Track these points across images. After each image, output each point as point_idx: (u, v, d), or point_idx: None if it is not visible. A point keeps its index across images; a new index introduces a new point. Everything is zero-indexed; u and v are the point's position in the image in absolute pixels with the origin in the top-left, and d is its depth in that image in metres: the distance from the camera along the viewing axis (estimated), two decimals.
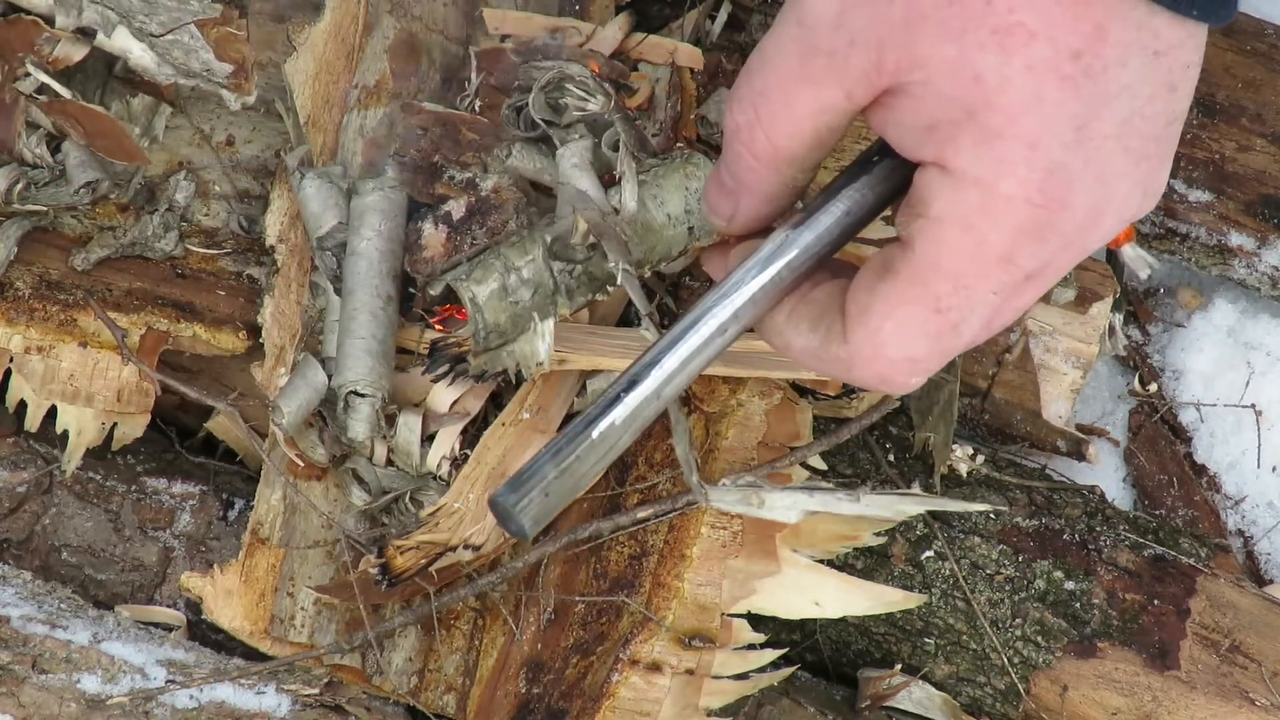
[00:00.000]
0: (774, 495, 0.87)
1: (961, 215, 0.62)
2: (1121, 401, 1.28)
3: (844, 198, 0.68)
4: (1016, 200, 0.61)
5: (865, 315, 0.65)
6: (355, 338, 1.02)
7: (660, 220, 0.95)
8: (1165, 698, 1.03)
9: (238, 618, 1.04)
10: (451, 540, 1.03)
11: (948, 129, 0.61)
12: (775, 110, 0.66)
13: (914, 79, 0.61)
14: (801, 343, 0.69)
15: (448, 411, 1.06)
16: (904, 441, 1.11)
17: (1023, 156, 0.60)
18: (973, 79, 0.60)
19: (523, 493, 0.66)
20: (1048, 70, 0.59)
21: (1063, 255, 0.64)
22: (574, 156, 0.93)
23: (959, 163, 0.61)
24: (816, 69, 0.63)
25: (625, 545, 1.03)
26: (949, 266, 0.63)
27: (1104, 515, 1.09)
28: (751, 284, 0.68)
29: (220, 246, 1.13)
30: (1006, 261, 0.63)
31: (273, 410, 1.02)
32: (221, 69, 0.88)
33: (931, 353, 0.65)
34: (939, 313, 0.64)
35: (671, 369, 0.67)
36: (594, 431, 0.66)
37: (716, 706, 0.99)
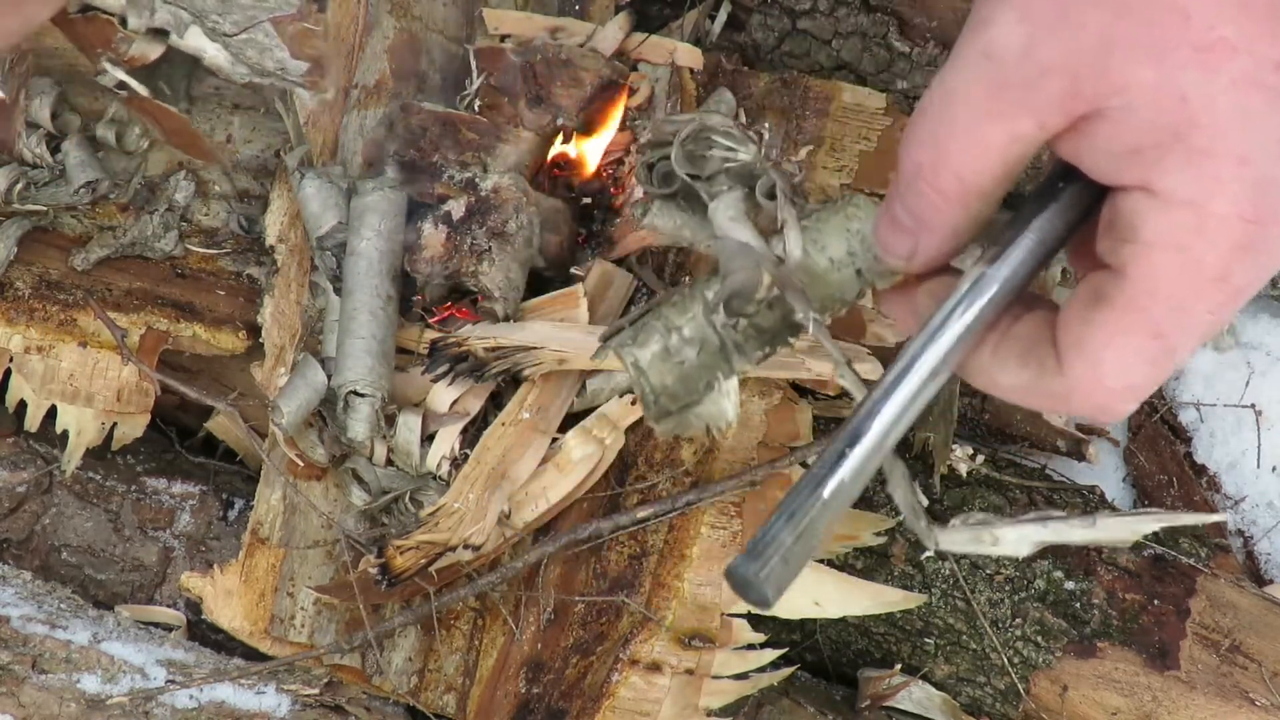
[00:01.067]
0: (1005, 530, 0.87)
1: (1175, 238, 0.61)
2: None
3: (1035, 228, 0.67)
4: (1230, 219, 0.61)
5: (1082, 347, 0.65)
6: (355, 338, 1.02)
7: (823, 265, 0.94)
8: (1165, 698, 1.03)
9: (238, 618, 1.04)
10: (451, 540, 1.03)
11: (1153, 152, 0.61)
12: (962, 146, 0.65)
13: (1113, 105, 0.61)
14: (1010, 380, 0.68)
15: (447, 411, 1.06)
16: (904, 441, 1.11)
17: (1233, 173, 0.60)
18: (1178, 100, 0.59)
19: (763, 561, 0.66)
20: (1251, 84, 0.59)
21: (1272, 267, 0.64)
22: (729, 209, 0.92)
23: (1167, 184, 0.61)
24: (1007, 102, 0.63)
25: (625, 545, 1.03)
26: (1166, 291, 0.62)
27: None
28: (955, 325, 0.67)
29: (220, 246, 1.13)
30: (1222, 281, 0.62)
31: (272, 410, 1.02)
32: (296, 67, 0.88)
33: (1150, 378, 0.65)
34: (1157, 338, 0.63)
35: (891, 419, 0.67)
36: (825, 492, 0.66)
37: (716, 706, 0.99)
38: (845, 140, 1.14)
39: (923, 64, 1.19)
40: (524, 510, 1.04)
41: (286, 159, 1.07)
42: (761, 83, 1.15)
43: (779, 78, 1.16)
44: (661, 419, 0.93)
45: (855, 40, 1.20)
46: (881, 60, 1.20)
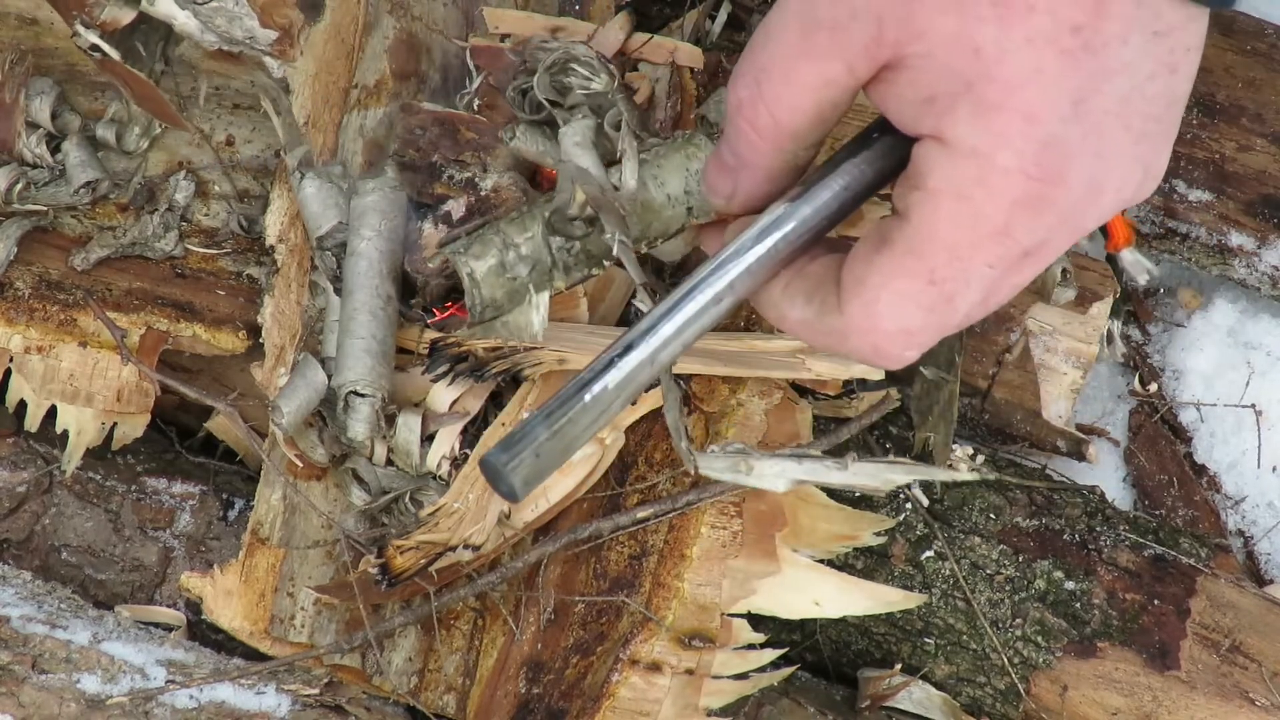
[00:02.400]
0: (762, 463, 0.87)
1: (958, 187, 0.62)
2: (1121, 401, 1.28)
3: (843, 173, 0.68)
4: (1013, 172, 0.61)
5: (860, 286, 0.65)
6: (355, 338, 1.02)
7: (660, 200, 0.95)
8: (1165, 698, 1.03)
9: (238, 618, 1.04)
10: (451, 540, 1.03)
11: (946, 101, 0.61)
12: (777, 85, 0.66)
13: (914, 51, 0.61)
14: (797, 315, 0.69)
15: (447, 411, 1.06)
16: (904, 441, 1.11)
17: (1019, 129, 0.60)
18: (972, 51, 0.60)
19: (514, 453, 0.66)
20: (1047, 43, 0.60)
21: (1060, 231, 0.64)
22: (576, 135, 0.93)
23: (956, 134, 0.61)
24: (818, 43, 0.64)
25: (625, 545, 1.03)
26: (945, 238, 0.63)
27: (1104, 515, 1.09)
28: (747, 255, 0.68)
29: (220, 246, 1.13)
30: (1003, 235, 0.63)
31: (272, 410, 1.02)
32: (265, 35, 0.87)
33: (926, 325, 0.65)
34: (934, 284, 0.64)
35: (666, 336, 0.68)
36: (586, 395, 0.67)
37: (716, 706, 0.99)
38: (844, 137, 1.14)
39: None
40: (524, 510, 1.04)
41: (287, 159, 1.07)
42: None
43: None
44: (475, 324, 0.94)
45: None
46: None
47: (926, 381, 1.09)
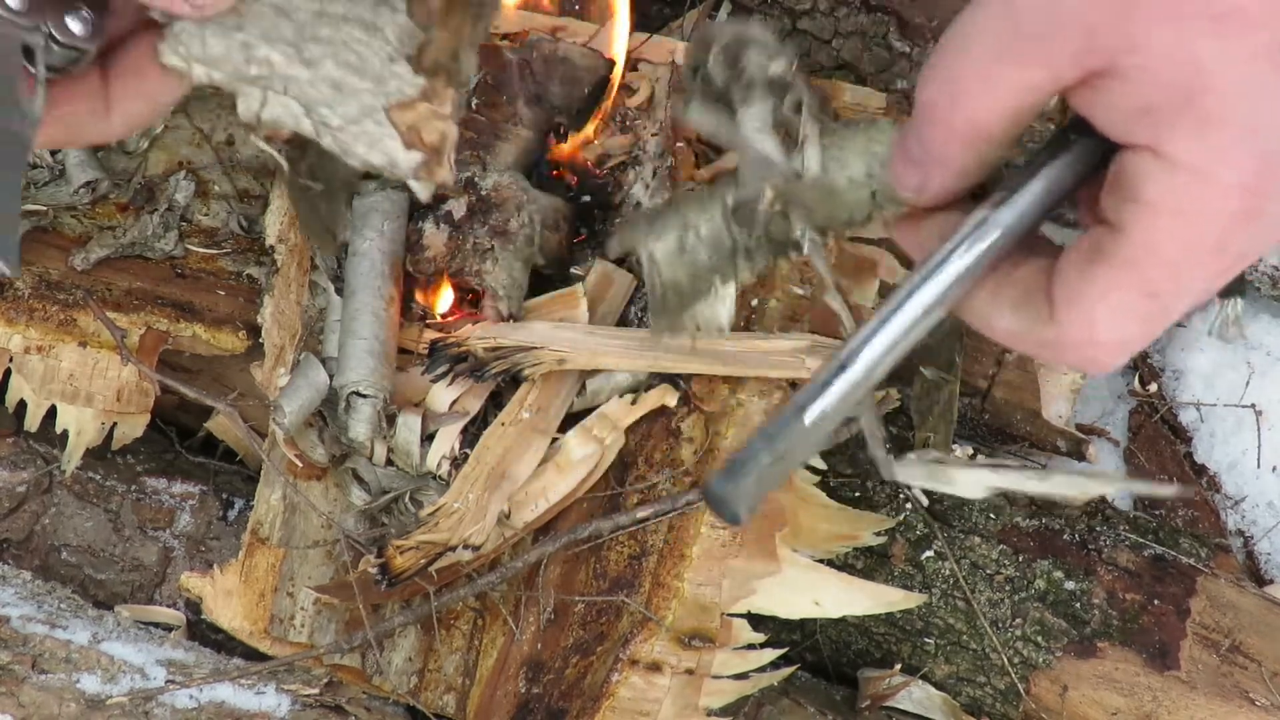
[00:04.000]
0: (960, 471, 0.87)
1: (1177, 201, 0.62)
2: (1121, 401, 1.28)
3: (1043, 176, 0.68)
4: (1233, 188, 0.62)
5: (1078, 298, 0.66)
6: (358, 338, 1.02)
7: (841, 183, 0.94)
8: (1165, 698, 1.03)
9: (237, 618, 1.04)
10: (451, 540, 1.03)
11: (1164, 114, 0.62)
12: (974, 90, 0.66)
13: (1130, 63, 0.62)
14: (1005, 324, 0.69)
15: (447, 411, 1.06)
16: (904, 441, 1.11)
17: (1241, 144, 0.61)
18: (1193, 64, 0.60)
19: (737, 480, 0.66)
20: (1267, 59, 0.60)
21: (1267, 240, 0.65)
22: (755, 119, 0.92)
23: (1174, 148, 0.62)
24: (1022, 50, 0.64)
25: (625, 545, 1.03)
26: (1164, 253, 0.63)
27: (1104, 515, 1.09)
28: (954, 265, 0.68)
29: (220, 246, 1.13)
30: (1219, 249, 0.63)
31: (275, 410, 1.02)
32: (409, 159, 0.83)
33: (1141, 335, 0.66)
34: (1152, 297, 0.64)
35: (880, 352, 0.68)
36: (806, 418, 0.67)
37: (716, 706, 0.99)
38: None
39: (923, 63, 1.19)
40: (524, 510, 1.04)
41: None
42: None
43: None
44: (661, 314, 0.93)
45: (855, 40, 1.20)
46: (881, 60, 1.20)
47: (926, 381, 1.09)
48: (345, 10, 0.83)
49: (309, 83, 0.83)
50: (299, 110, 0.83)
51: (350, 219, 1.04)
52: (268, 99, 0.83)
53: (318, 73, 0.83)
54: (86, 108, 0.91)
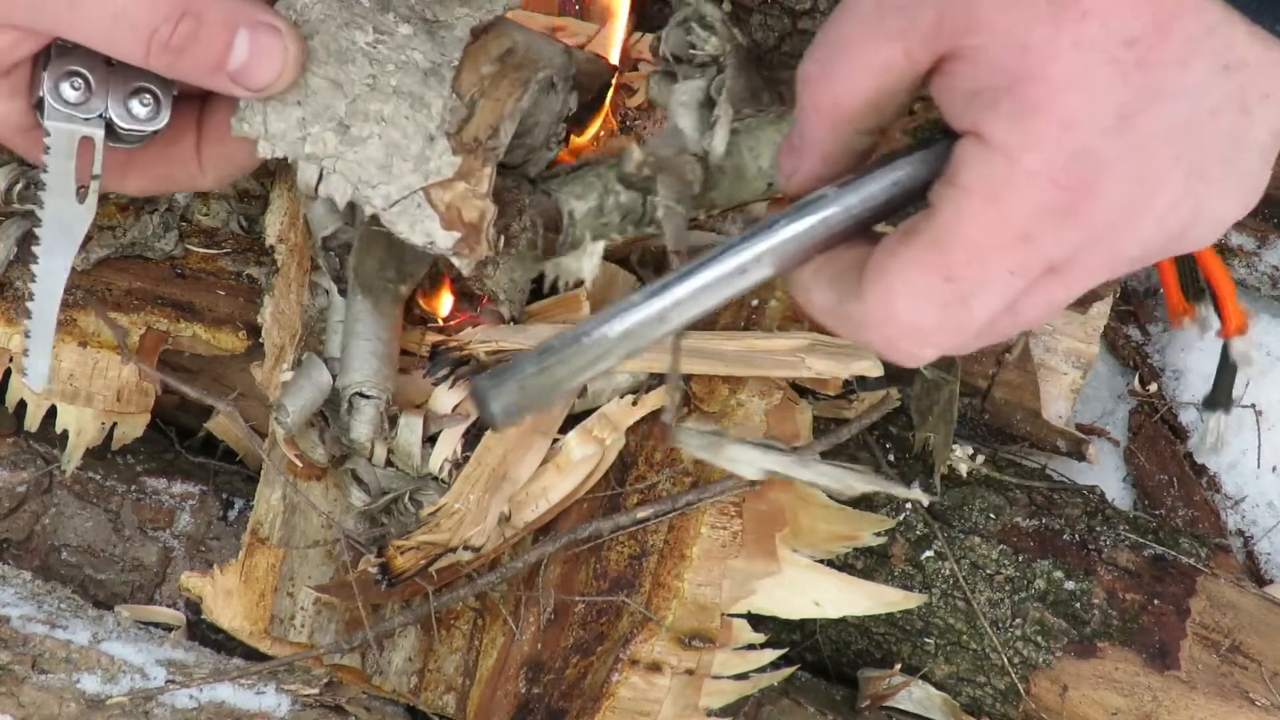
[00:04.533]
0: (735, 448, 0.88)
1: (987, 185, 0.61)
2: (1121, 401, 1.28)
3: (896, 168, 0.68)
4: (1040, 177, 0.60)
5: (881, 274, 0.65)
6: (361, 339, 1.02)
7: (752, 170, 0.94)
8: (1165, 698, 1.03)
9: (237, 618, 1.04)
10: (451, 541, 1.03)
11: (989, 96, 0.61)
12: (842, 64, 0.66)
13: (969, 44, 0.61)
14: (820, 298, 0.68)
15: (450, 414, 1.06)
16: (904, 441, 1.11)
17: (1054, 134, 0.59)
18: (1021, 49, 0.59)
19: (499, 381, 0.66)
20: (1097, 51, 0.59)
21: (1090, 251, 0.62)
22: (684, 95, 0.93)
23: (992, 131, 0.61)
24: (886, 25, 0.63)
25: (625, 545, 1.03)
26: (966, 235, 0.62)
27: (1104, 515, 1.09)
28: (781, 231, 0.67)
29: (220, 246, 1.13)
30: (1023, 241, 0.61)
31: (277, 409, 1.02)
32: (446, 238, 0.83)
33: (941, 325, 0.64)
34: (949, 281, 0.63)
35: (679, 296, 0.67)
36: (584, 339, 0.66)
37: (716, 706, 0.99)
38: None
39: None
40: (524, 510, 1.04)
41: None
42: None
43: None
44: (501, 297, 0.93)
45: None
46: None
47: (926, 381, 1.09)
48: (397, 82, 0.83)
49: (357, 163, 0.83)
50: (349, 189, 0.83)
51: (355, 220, 1.04)
52: (324, 175, 0.84)
53: (364, 152, 0.83)
54: (182, 169, 0.92)
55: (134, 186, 0.92)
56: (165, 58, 0.79)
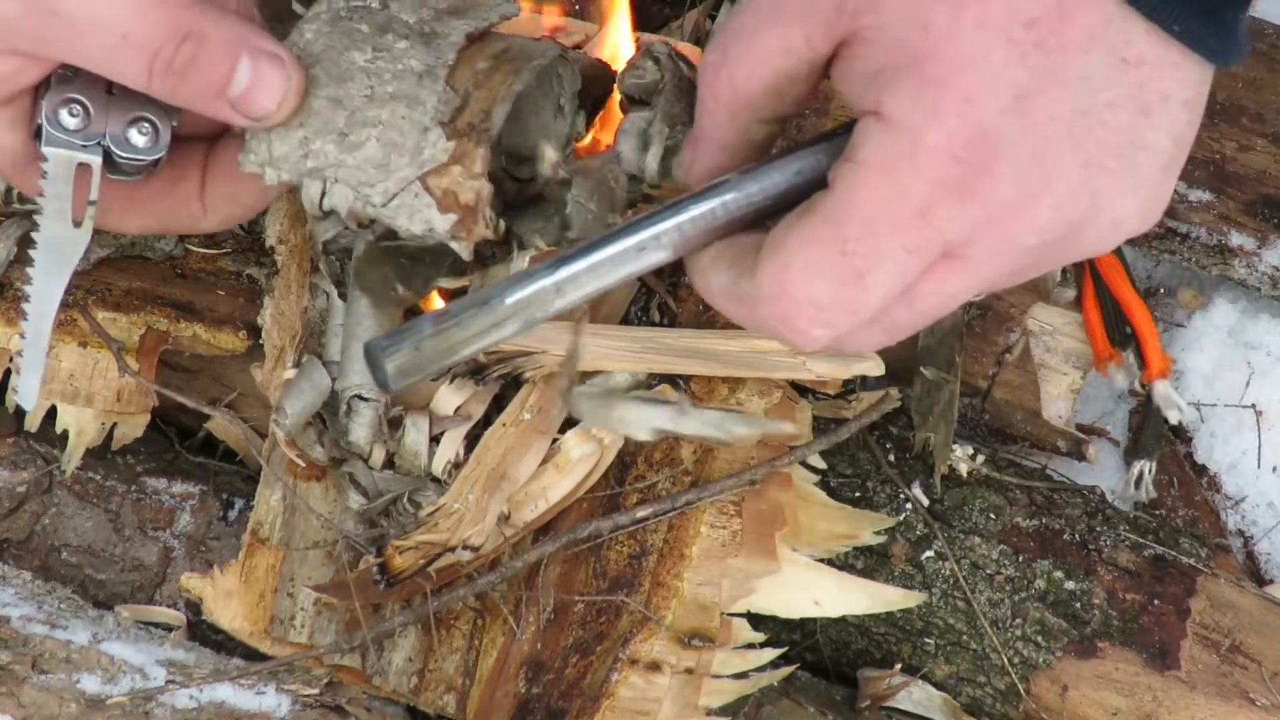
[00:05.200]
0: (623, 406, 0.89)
1: (885, 160, 0.61)
2: (1121, 401, 1.28)
3: (798, 158, 0.68)
4: (940, 152, 0.60)
5: (776, 250, 0.64)
6: (361, 342, 1.02)
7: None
8: (1165, 698, 1.03)
9: (238, 618, 1.04)
10: (450, 541, 1.03)
11: (890, 74, 0.61)
12: (740, 49, 0.66)
13: (868, 24, 0.61)
14: (717, 280, 0.68)
15: (452, 415, 1.06)
16: (904, 441, 1.11)
17: (956, 109, 0.60)
18: (923, 27, 0.60)
19: (395, 341, 0.68)
20: (998, 30, 0.59)
21: (988, 233, 0.62)
22: (626, 124, 0.94)
23: (893, 108, 0.61)
24: (785, 10, 0.63)
25: (624, 545, 1.03)
26: (862, 209, 0.62)
27: (1104, 515, 1.09)
28: (681, 213, 0.68)
29: (220, 246, 1.13)
30: (920, 216, 0.61)
31: (277, 411, 1.02)
32: (444, 222, 0.84)
33: (835, 301, 0.64)
34: (844, 255, 0.62)
35: (576, 270, 0.68)
36: (481, 305, 0.67)
37: (716, 706, 0.99)
38: None
39: None
40: (524, 510, 1.04)
41: None
42: None
43: None
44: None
45: None
46: None
47: (927, 381, 1.09)
48: (394, 89, 0.84)
49: (356, 167, 0.84)
50: (351, 195, 0.84)
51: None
52: (326, 188, 0.85)
53: (362, 155, 0.84)
54: (185, 210, 0.92)
55: (135, 225, 0.93)
56: (168, 81, 0.79)
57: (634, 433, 0.93)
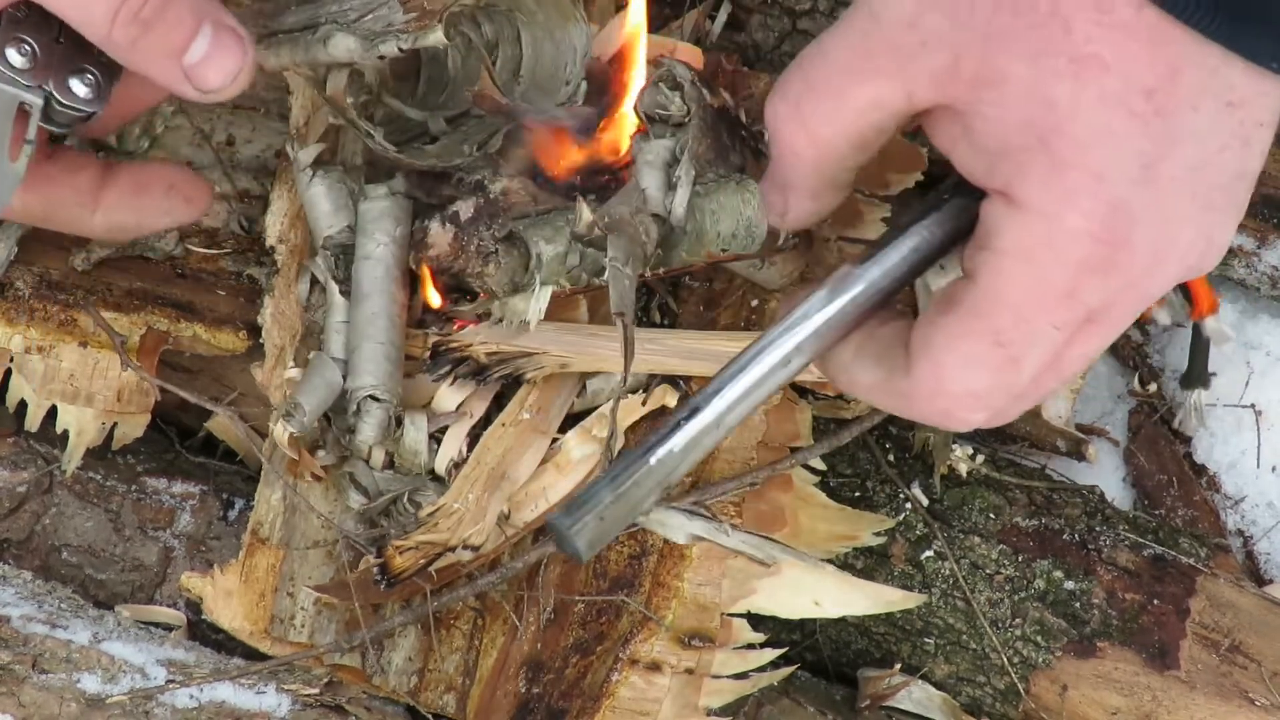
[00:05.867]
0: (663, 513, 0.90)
1: (1025, 247, 0.61)
2: (1121, 401, 1.28)
3: (912, 234, 0.68)
4: (1080, 234, 0.61)
5: (927, 348, 0.65)
6: (374, 342, 1.02)
7: (712, 235, 0.96)
8: (1165, 697, 1.03)
9: (238, 618, 1.04)
10: (451, 540, 1.03)
11: (1018, 155, 0.61)
12: (823, 103, 0.65)
13: (988, 97, 0.61)
14: (866, 379, 0.68)
15: (453, 413, 1.06)
16: (904, 441, 1.11)
17: (1089, 189, 0.60)
18: (1047, 105, 0.60)
19: (577, 516, 0.67)
20: (1119, 104, 0.59)
21: (1125, 296, 0.63)
22: (650, 154, 0.94)
23: (1025, 192, 0.61)
24: (880, 64, 0.63)
25: (625, 545, 1.03)
26: (1010, 299, 0.62)
27: (1104, 515, 1.09)
28: (816, 317, 0.68)
29: (220, 246, 1.13)
30: (1067, 296, 0.62)
31: (291, 408, 1.02)
32: (402, 20, 0.87)
33: (993, 388, 0.64)
34: (999, 346, 0.63)
35: (733, 399, 0.68)
36: (651, 458, 0.67)
37: (716, 706, 0.99)
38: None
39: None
40: (524, 510, 1.04)
41: (300, 155, 1.06)
42: (762, 83, 1.15)
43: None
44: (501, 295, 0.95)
45: None
46: None
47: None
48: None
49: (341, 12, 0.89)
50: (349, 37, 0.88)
51: (359, 222, 1.04)
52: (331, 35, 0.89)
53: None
54: (75, 199, 0.91)
55: (18, 205, 0.92)
56: (130, 30, 0.78)
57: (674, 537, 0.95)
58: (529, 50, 1.04)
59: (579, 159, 1.09)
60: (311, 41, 0.97)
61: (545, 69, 1.05)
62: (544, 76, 1.04)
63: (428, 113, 1.05)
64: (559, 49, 1.04)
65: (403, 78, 1.05)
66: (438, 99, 1.06)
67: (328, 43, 0.94)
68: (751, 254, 0.99)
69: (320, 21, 0.92)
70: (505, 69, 1.03)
